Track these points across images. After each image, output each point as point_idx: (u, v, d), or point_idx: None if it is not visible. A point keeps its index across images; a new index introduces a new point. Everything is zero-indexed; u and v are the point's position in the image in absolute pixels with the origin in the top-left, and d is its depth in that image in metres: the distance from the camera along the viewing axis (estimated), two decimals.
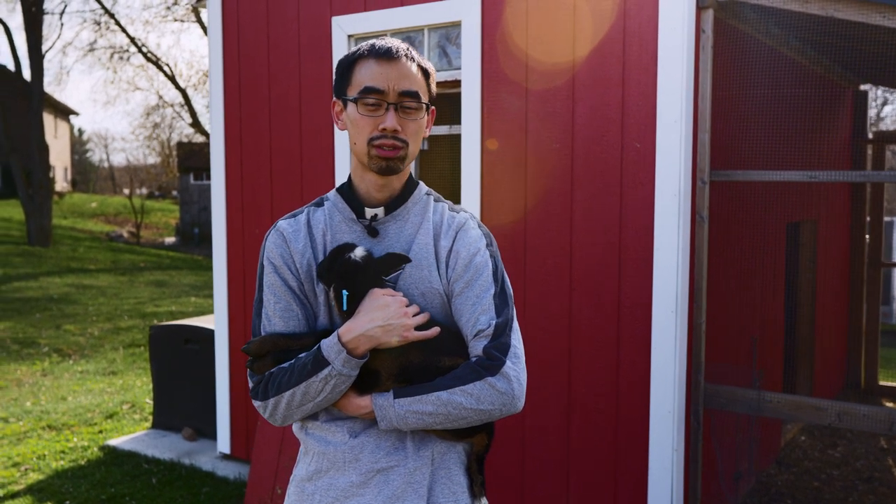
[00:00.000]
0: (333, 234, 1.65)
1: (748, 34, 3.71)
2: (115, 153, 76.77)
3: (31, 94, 21.01)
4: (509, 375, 1.52)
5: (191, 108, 24.97)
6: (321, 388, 1.52)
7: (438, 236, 1.64)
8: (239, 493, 4.41)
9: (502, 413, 1.53)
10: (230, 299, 4.79)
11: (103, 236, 27.30)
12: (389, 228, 1.64)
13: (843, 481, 4.55)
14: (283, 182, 4.53)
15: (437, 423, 1.52)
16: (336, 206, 1.67)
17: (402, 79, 1.58)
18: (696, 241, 3.39)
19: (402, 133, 1.58)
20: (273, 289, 1.62)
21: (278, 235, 1.65)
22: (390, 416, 1.53)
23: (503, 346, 1.54)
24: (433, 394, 1.51)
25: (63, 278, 15.54)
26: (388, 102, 1.57)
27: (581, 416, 3.60)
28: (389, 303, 1.54)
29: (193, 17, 24.13)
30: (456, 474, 1.62)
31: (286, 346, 1.59)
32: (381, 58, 1.58)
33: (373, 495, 1.56)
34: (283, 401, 1.56)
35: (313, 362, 1.52)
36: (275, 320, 1.61)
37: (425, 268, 1.61)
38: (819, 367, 5.66)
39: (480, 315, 1.56)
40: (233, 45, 4.66)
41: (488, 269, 1.61)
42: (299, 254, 1.62)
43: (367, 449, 1.57)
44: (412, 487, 1.56)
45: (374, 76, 1.57)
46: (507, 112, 3.69)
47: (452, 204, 1.72)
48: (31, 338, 9.71)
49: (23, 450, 5.24)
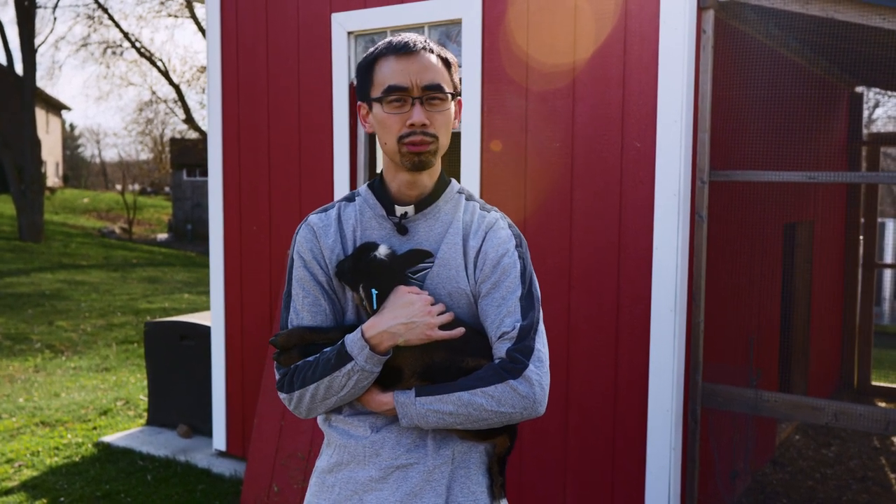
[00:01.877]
0: (363, 230, 1.64)
1: (748, 35, 3.71)
2: (107, 149, 76.52)
3: (24, 88, 20.89)
4: (531, 379, 1.52)
5: (184, 104, 24.90)
6: (344, 382, 1.53)
7: (468, 236, 1.63)
8: (235, 491, 4.40)
9: (523, 416, 1.53)
10: (227, 296, 4.77)
11: (95, 232, 27.17)
12: (419, 227, 1.64)
13: (837, 480, 4.57)
14: (281, 179, 4.52)
15: (458, 423, 1.52)
16: (367, 202, 1.67)
17: (424, 72, 1.56)
18: (696, 241, 3.40)
19: (431, 127, 1.57)
20: (302, 283, 1.62)
21: (309, 230, 1.65)
22: (411, 414, 1.53)
23: (527, 349, 1.54)
24: (455, 394, 1.51)
25: (55, 274, 15.47)
26: (413, 98, 1.55)
27: (579, 415, 3.61)
28: (414, 300, 1.54)
29: (188, 13, 24.08)
30: (476, 474, 1.62)
31: (312, 340, 1.60)
32: (400, 53, 1.56)
33: (391, 491, 1.56)
34: (307, 394, 1.57)
35: (337, 357, 1.53)
36: (303, 314, 1.61)
37: (453, 268, 1.60)
38: (814, 368, 5.69)
39: (506, 317, 1.56)
40: (231, 42, 4.64)
41: (516, 271, 1.61)
42: (329, 249, 1.62)
43: (388, 444, 1.58)
44: (431, 485, 1.57)
45: (395, 73, 1.55)
46: (508, 111, 3.69)
47: (484, 203, 1.72)
48: (23, 334, 9.66)
49: (16, 446, 5.22)
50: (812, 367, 5.65)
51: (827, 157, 5.35)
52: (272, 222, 4.54)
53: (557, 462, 3.67)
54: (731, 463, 3.92)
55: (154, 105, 30.05)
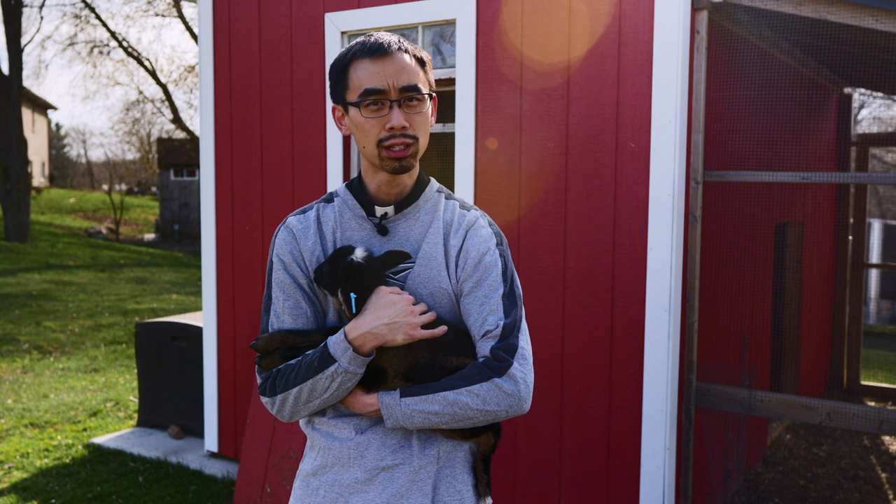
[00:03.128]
0: (343, 231, 1.63)
1: (741, 36, 3.73)
2: (93, 148, 75.88)
3: (10, 88, 20.72)
4: (516, 377, 1.52)
5: (171, 104, 24.74)
6: (328, 385, 1.52)
7: (448, 235, 1.63)
8: (227, 492, 4.38)
9: (508, 414, 1.53)
10: (219, 296, 4.75)
11: (82, 232, 27.00)
12: (399, 227, 1.63)
13: (829, 479, 4.60)
14: (273, 179, 4.50)
15: (443, 422, 1.52)
16: (346, 202, 1.66)
17: (401, 73, 1.55)
18: (689, 241, 3.41)
19: (411, 128, 1.56)
20: (282, 286, 1.61)
21: (288, 232, 1.64)
22: (396, 415, 1.52)
23: (511, 347, 1.54)
24: (439, 394, 1.51)
25: (42, 274, 15.36)
26: (391, 100, 1.54)
27: (574, 415, 3.61)
28: (395, 301, 1.54)
29: (175, 12, 23.94)
30: (461, 473, 1.62)
31: (294, 343, 1.59)
32: (375, 55, 1.54)
33: (377, 492, 1.56)
34: (290, 397, 1.55)
35: (320, 359, 1.52)
36: (283, 317, 1.60)
37: (434, 267, 1.60)
38: (804, 367, 5.72)
39: (488, 315, 1.56)
40: (224, 42, 4.62)
41: (497, 269, 1.60)
42: (309, 251, 1.61)
43: (373, 446, 1.57)
44: (417, 486, 1.56)
45: (372, 76, 1.54)
46: (502, 111, 3.69)
47: (464, 201, 1.71)
48: (10, 334, 9.58)
49: (5, 448, 5.18)
50: (803, 367, 5.68)
51: (817, 158, 5.39)
52: (264, 223, 4.53)
53: (552, 462, 3.68)
54: (724, 462, 3.93)
55: (141, 105, 29.87)
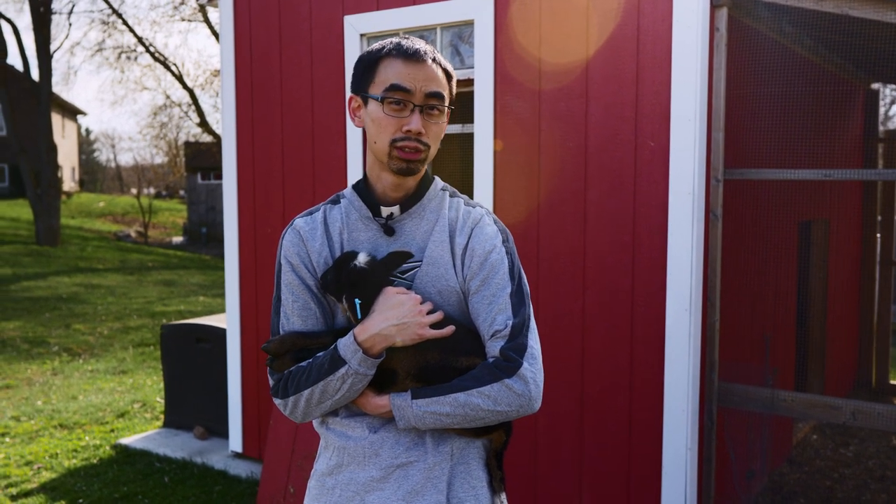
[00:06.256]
0: (350, 232, 1.65)
1: (762, 32, 3.70)
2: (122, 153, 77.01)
3: (40, 94, 21.07)
4: (526, 377, 1.52)
5: (198, 108, 25.00)
6: (339, 386, 1.54)
7: (454, 233, 1.63)
8: (251, 492, 4.42)
9: (519, 414, 1.54)
10: (242, 298, 4.80)
11: (111, 236, 27.37)
12: (405, 226, 1.64)
13: (855, 480, 4.54)
14: (294, 182, 4.54)
15: (455, 423, 1.53)
16: (352, 203, 1.67)
17: (429, 81, 1.57)
18: (710, 240, 3.39)
19: (425, 136, 1.58)
20: (291, 287, 1.62)
21: (295, 234, 1.65)
22: (408, 417, 1.54)
23: (520, 346, 1.54)
24: (450, 395, 1.52)
25: (72, 278, 15.60)
26: (415, 104, 1.56)
27: (594, 415, 3.60)
28: (403, 301, 1.54)
29: (201, 17, 24.19)
30: (475, 469, 1.63)
31: (305, 345, 1.60)
32: (410, 59, 1.57)
33: (392, 490, 1.57)
34: (302, 399, 1.57)
35: (330, 361, 1.54)
36: (293, 319, 1.62)
37: (441, 266, 1.60)
38: (830, 366, 5.65)
39: (497, 315, 1.56)
40: (245, 45, 4.67)
41: (504, 267, 1.60)
42: (316, 252, 1.63)
43: (387, 444, 1.58)
44: (432, 482, 1.57)
45: (401, 75, 1.56)
46: (520, 111, 3.69)
47: (468, 199, 1.72)
48: (40, 337, 9.75)
49: (35, 448, 5.27)
50: (828, 366, 5.61)
51: (842, 155, 5.31)
52: (286, 224, 4.56)
53: (573, 462, 3.67)
54: (748, 463, 3.90)
55: (168, 109, 30.22)
